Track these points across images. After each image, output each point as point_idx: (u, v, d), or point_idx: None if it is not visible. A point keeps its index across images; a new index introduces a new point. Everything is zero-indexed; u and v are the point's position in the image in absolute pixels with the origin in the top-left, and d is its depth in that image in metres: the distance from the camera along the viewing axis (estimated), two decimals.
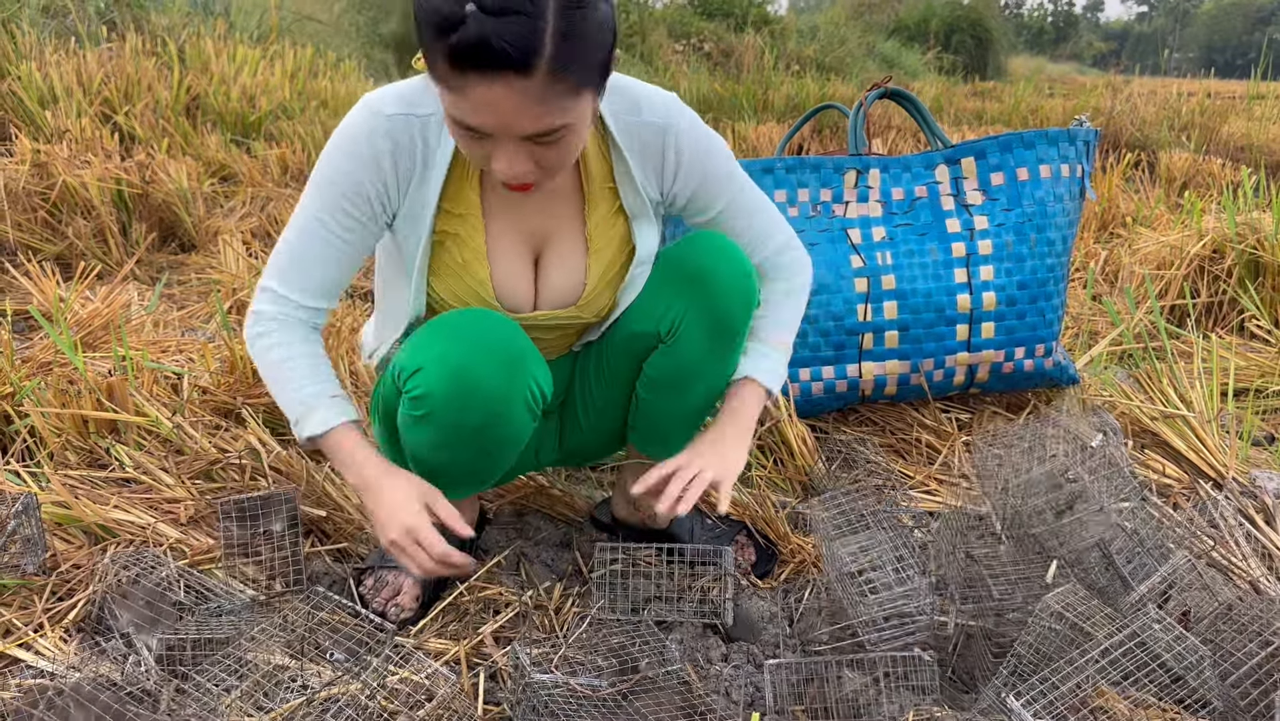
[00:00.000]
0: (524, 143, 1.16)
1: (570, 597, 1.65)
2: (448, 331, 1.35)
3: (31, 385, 1.82)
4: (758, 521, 1.76)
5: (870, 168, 2.06)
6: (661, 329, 1.50)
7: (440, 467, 1.49)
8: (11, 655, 1.36)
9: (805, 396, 2.04)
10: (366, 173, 1.33)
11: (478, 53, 1.03)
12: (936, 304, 2.00)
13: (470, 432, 1.38)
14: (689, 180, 1.45)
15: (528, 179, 1.21)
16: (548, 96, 1.09)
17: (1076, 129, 2.11)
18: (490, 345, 1.34)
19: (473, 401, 1.34)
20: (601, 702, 1.29)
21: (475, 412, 1.35)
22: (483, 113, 1.10)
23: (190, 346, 2.41)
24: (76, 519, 1.56)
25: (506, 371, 1.35)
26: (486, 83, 1.06)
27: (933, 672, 1.33)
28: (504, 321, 1.38)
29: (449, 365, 1.32)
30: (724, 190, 1.49)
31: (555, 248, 1.45)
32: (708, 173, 1.45)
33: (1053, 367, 2.10)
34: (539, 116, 1.11)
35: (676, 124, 1.40)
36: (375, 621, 1.48)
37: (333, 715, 1.20)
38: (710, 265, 1.48)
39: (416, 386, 1.34)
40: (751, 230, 1.53)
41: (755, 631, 1.59)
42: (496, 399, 1.35)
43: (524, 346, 1.39)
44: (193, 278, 3.35)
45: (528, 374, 1.38)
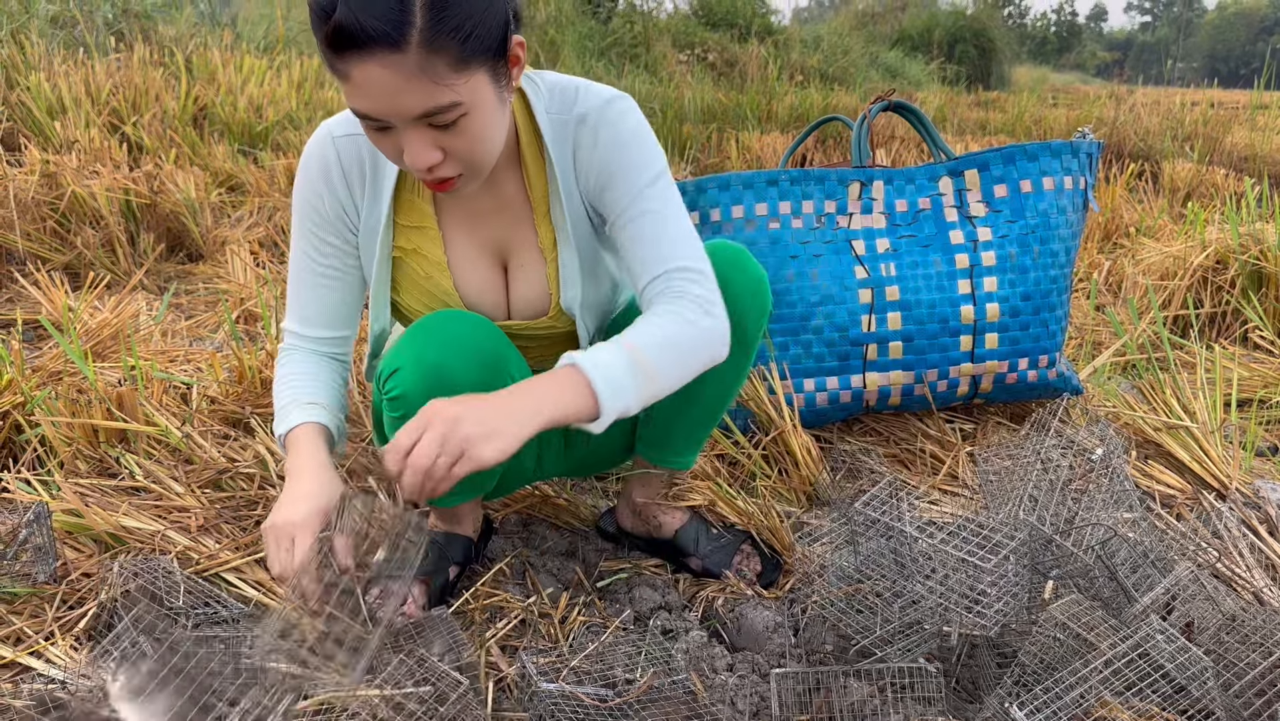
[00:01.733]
0: (424, 128, 1.14)
1: (576, 606, 1.66)
2: (425, 333, 1.37)
3: (42, 395, 1.83)
4: (763, 531, 1.77)
5: (874, 179, 2.07)
6: None
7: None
8: (23, 663, 1.37)
9: (810, 407, 2.05)
10: (323, 196, 1.39)
11: (348, 32, 1.04)
12: (940, 315, 2.01)
13: None
14: (593, 175, 1.36)
15: (442, 172, 1.20)
16: (426, 71, 1.07)
17: (1079, 141, 2.13)
18: (466, 345, 1.36)
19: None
20: (609, 712, 1.30)
21: None
22: (366, 95, 1.09)
23: (198, 356, 2.43)
24: (87, 527, 1.57)
25: (483, 370, 1.36)
26: (362, 62, 1.06)
27: (938, 683, 1.34)
28: (481, 322, 1.40)
29: (425, 365, 1.34)
30: (627, 199, 1.34)
31: (517, 258, 1.47)
32: (614, 172, 1.34)
33: (1056, 378, 2.11)
34: (421, 93, 1.09)
35: (600, 114, 1.33)
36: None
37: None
38: (721, 274, 1.48)
39: (395, 387, 1.36)
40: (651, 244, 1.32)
41: (760, 641, 1.60)
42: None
43: (501, 346, 1.41)
44: (200, 287, 3.37)
45: (505, 372, 1.39)
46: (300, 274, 1.44)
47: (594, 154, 1.36)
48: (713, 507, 1.83)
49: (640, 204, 1.34)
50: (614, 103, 1.35)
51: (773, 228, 2.03)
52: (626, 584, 1.73)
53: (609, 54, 9.89)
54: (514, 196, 1.43)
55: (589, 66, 8.56)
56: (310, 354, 1.45)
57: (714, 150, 6.46)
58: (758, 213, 2.04)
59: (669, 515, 1.78)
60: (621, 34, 10.41)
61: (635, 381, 1.22)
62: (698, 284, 1.32)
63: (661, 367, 1.24)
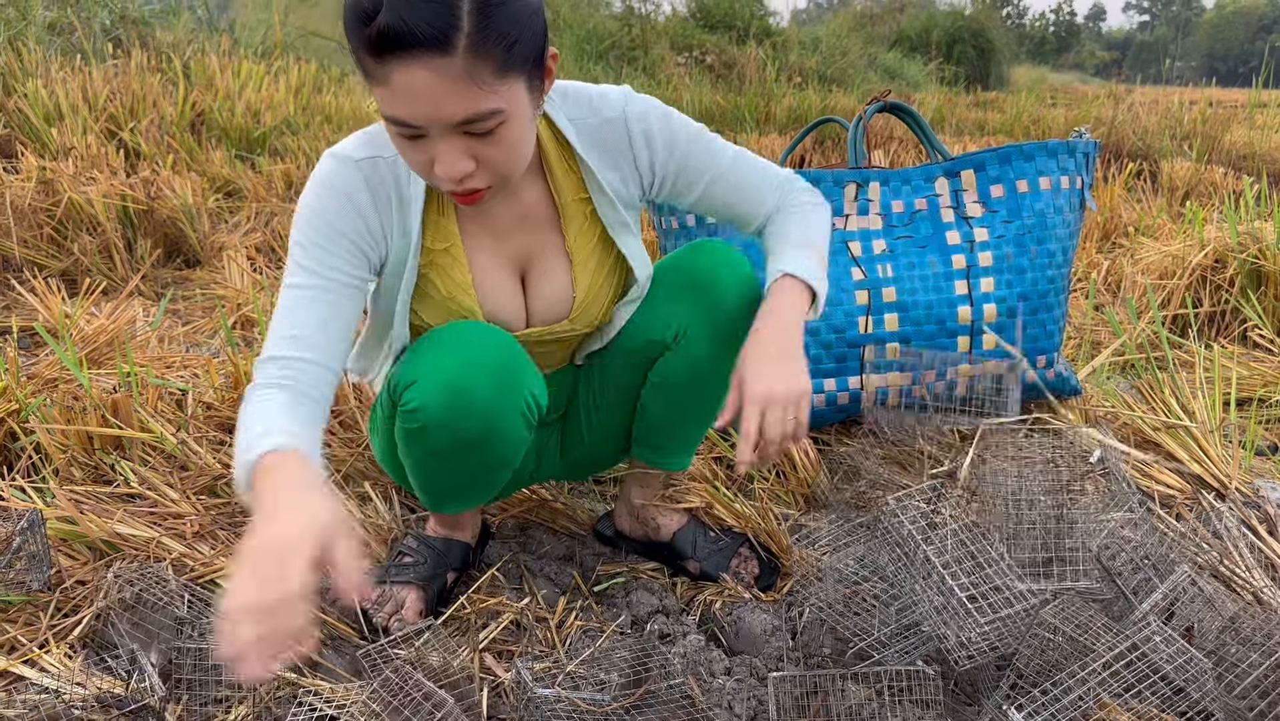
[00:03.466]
0: (459, 136, 1.12)
1: (573, 611, 1.65)
2: (442, 345, 1.35)
3: (37, 402, 1.83)
4: (760, 534, 1.77)
5: (870, 181, 2.07)
6: (668, 336, 1.51)
7: (438, 481, 1.50)
8: (16, 672, 1.36)
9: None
10: (348, 221, 1.29)
11: (395, 35, 1.02)
12: (937, 316, 2.01)
13: (466, 445, 1.38)
14: (669, 163, 1.44)
15: (473, 183, 1.17)
16: (472, 75, 1.06)
17: (1076, 141, 2.12)
18: (484, 358, 1.34)
19: (467, 414, 1.34)
20: (605, 717, 1.29)
21: (470, 426, 1.35)
22: (407, 100, 1.07)
23: (195, 362, 2.42)
24: (82, 534, 1.57)
25: (500, 384, 1.35)
26: (406, 66, 1.04)
27: (936, 686, 1.33)
28: (498, 334, 1.38)
29: (443, 378, 1.32)
30: (705, 163, 1.46)
31: (539, 265, 1.46)
32: (683, 149, 1.44)
33: (1054, 379, 2.11)
34: (465, 98, 1.07)
35: (635, 110, 1.39)
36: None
37: None
38: (712, 271, 1.49)
39: (411, 400, 1.35)
40: (750, 188, 1.50)
41: (758, 644, 1.59)
42: (491, 412, 1.35)
43: (518, 359, 1.39)
44: (197, 293, 3.36)
45: (523, 386, 1.38)
46: (303, 295, 1.26)
47: (651, 145, 1.41)
48: (710, 510, 1.83)
49: (714, 164, 1.46)
50: (631, 101, 1.40)
51: None
52: (624, 587, 1.73)
53: (607, 56, 9.89)
54: (535, 204, 1.42)
55: (587, 69, 8.56)
56: (291, 389, 1.21)
57: None
58: None
59: (666, 518, 1.77)
60: (619, 36, 10.41)
61: (822, 269, 1.45)
62: (795, 184, 1.54)
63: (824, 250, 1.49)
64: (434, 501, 1.58)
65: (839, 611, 1.48)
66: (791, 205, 1.52)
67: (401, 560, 1.65)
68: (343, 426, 1.99)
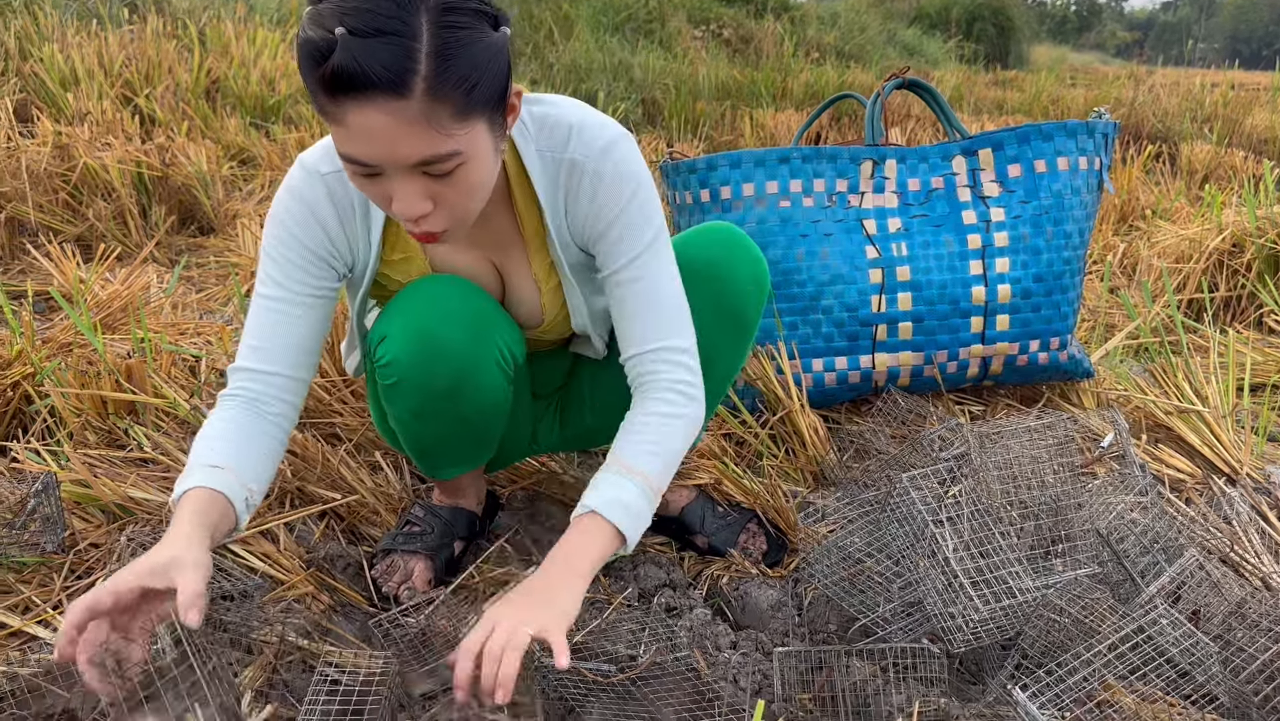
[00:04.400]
0: (417, 176, 1.09)
1: None
2: (412, 299, 1.36)
3: (52, 366, 1.84)
4: (768, 510, 1.77)
5: (887, 158, 2.05)
6: None
7: (427, 441, 1.50)
8: (30, 632, 1.38)
9: (818, 387, 2.04)
10: (311, 235, 1.31)
11: (349, 76, 0.98)
12: (951, 296, 2.00)
13: (441, 396, 1.38)
14: (587, 226, 1.34)
15: (431, 225, 1.15)
16: (429, 119, 1.03)
17: (1095, 121, 2.10)
18: (454, 308, 1.35)
19: (438, 363, 1.34)
20: (611, 688, 1.30)
21: (442, 374, 1.36)
22: (362, 141, 1.04)
23: (208, 329, 2.43)
24: (95, 498, 1.58)
25: (471, 333, 1.35)
26: (361, 107, 1.01)
27: (941, 664, 1.33)
28: (468, 286, 1.38)
29: (412, 329, 1.33)
30: (620, 261, 1.33)
31: (510, 279, 1.46)
32: (609, 231, 1.32)
33: (1067, 361, 2.10)
34: (421, 141, 1.04)
35: (597, 164, 1.29)
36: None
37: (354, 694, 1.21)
38: (719, 256, 1.48)
39: (385, 354, 1.36)
40: (639, 318, 1.34)
41: (764, 619, 1.60)
42: (462, 359, 1.35)
43: (489, 309, 1.39)
44: (211, 260, 3.37)
45: (495, 334, 1.39)
46: (269, 306, 1.32)
47: (590, 206, 1.31)
48: (719, 486, 1.83)
49: (631, 270, 1.33)
50: (611, 151, 1.29)
51: (783, 206, 2.02)
52: (631, 561, 1.74)
53: (624, 29, 9.82)
54: (505, 231, 1.40)
55: (603, 42, 8.50)
56: (250, 409, 1.30)
57: (727, 127, 6.43)
58: (768, 190, 2.02)
59: (675, 493, 1.78)
60: (636, 9, 10.33)
61: (650, 503, 1.30)
62: (681, 365, 1.35)
63: (661, 476, 1.32)
64: (429, 465, 1.59)
65: (845, 588, 1.48)
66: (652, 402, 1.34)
67: (409, 529, 1.66)
68: (355, 396, 1.99)
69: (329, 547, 1.64)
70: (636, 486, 1.29)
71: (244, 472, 1.24)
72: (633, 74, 7.42)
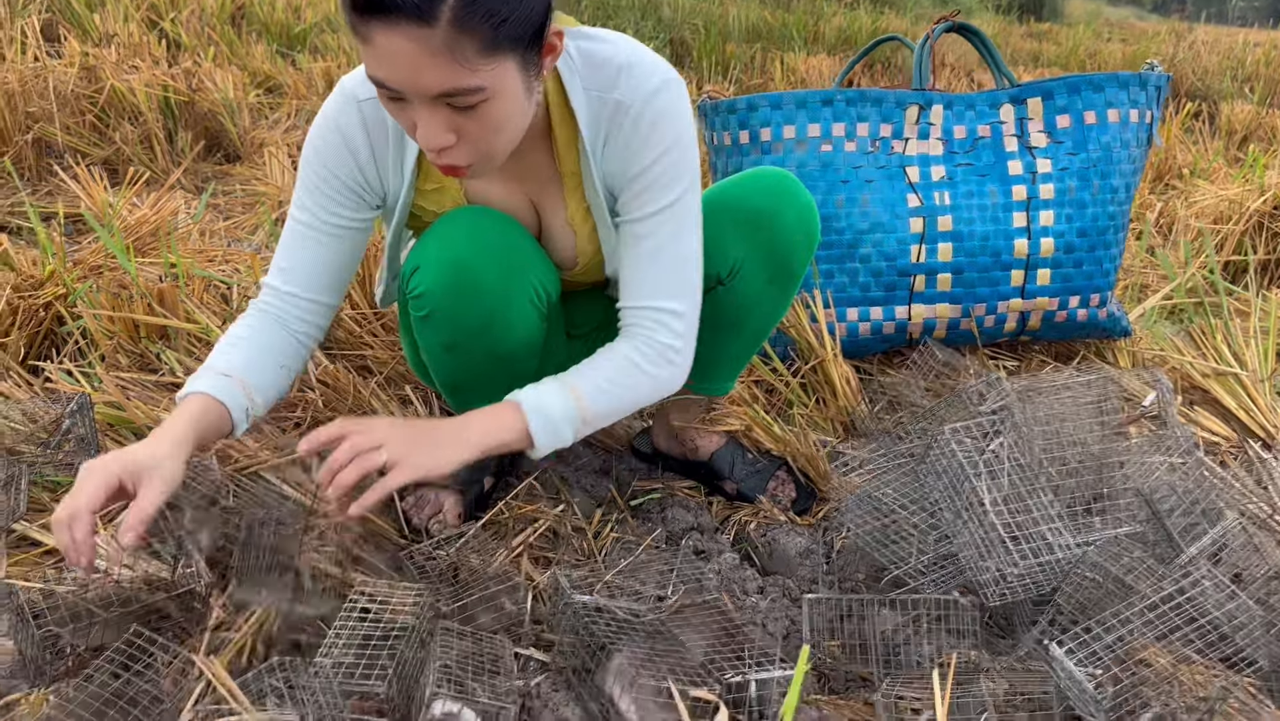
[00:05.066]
0: (440, 107, 1.07)
1: (609, 523, 1.66)
2: (447, 229, 1.34)
3: (84, 287, 1.83)
4: (799, 459, 1.76)
5: (933, 104, 2.00)
6: (721, 272, 1.47)
7: (458, 376, 1.49)
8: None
9: (851, 337, 2.02)
10: (345, 167, 1.32)
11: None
12: (993, 248, 1.96)
13: (473, 330, 1.37)
14: (617, 168, 1.30)
15: (454, 159, 1.13)
16: (453, 51, 1.01)
17: (1148, 73, 2.04)
18: (488, 241, 1.33)
19: (470, 295, 1.33)
20: (641, 627, 1.30)
21: (474, 307, 1.34)
22: (386, 65, 1.03)
23: (236, 257, 2.42)
24: (128, 421, 1.58)
25: (506, 267, 1.34)
26: (386, 31, 0.99)
27: (973, 617, 1.33)
28: (505, 220, 1.36)
29: (445, 261, 1.31)
30: (639, 213, 1.30)
31: (547, 218, 1.43)
32: (637, 180, 1.29)
33: (1106, 319, 2.07)
34: (444, 72, 1.02)
35: (641, 109, 1.24)
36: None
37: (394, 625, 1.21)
38: (771, 206, 1.44)
39: (417, 285, 1.34)
40: (639, 272, 1.32)
41: (791, 566, 1.60)
42: (494, 293, 1.34)
43: (524, 244, 1.37)
44: (237, 189, 3.35)
45: (529, 271, 1.37)
46: (299, 230, 1.34)
47: (625, 151, 1.28)
48: (749, 433, 1.82)
49: (645, 226, 1.30)
50: (656, 97, 1.25)
51: (824, 150, 1.98)
52: (659, 504, 1.73)
53: None
54: (542, 169, 1.37)
55: None
56: (275, 321, 1.35)
57: (757, 71, 6.31)
58: (810, 134, 1.98)
59: (705, 438, 1.77)
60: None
61: (572, 427, 1.29)
62: (669, 328, 1.33)
63: (601, 414, 1.31)
64: (459, 401, 1.58)
65: (877, 539, 1.48)
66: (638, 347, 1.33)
67: None
68: (385, 329, 1.98)
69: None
70: (569, 407, 1.28)
71: (251, 383, 1.28)
72: (661, 12, 7.27)
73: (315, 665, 1.13)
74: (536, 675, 1.30)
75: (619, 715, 1.20)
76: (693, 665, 1.22)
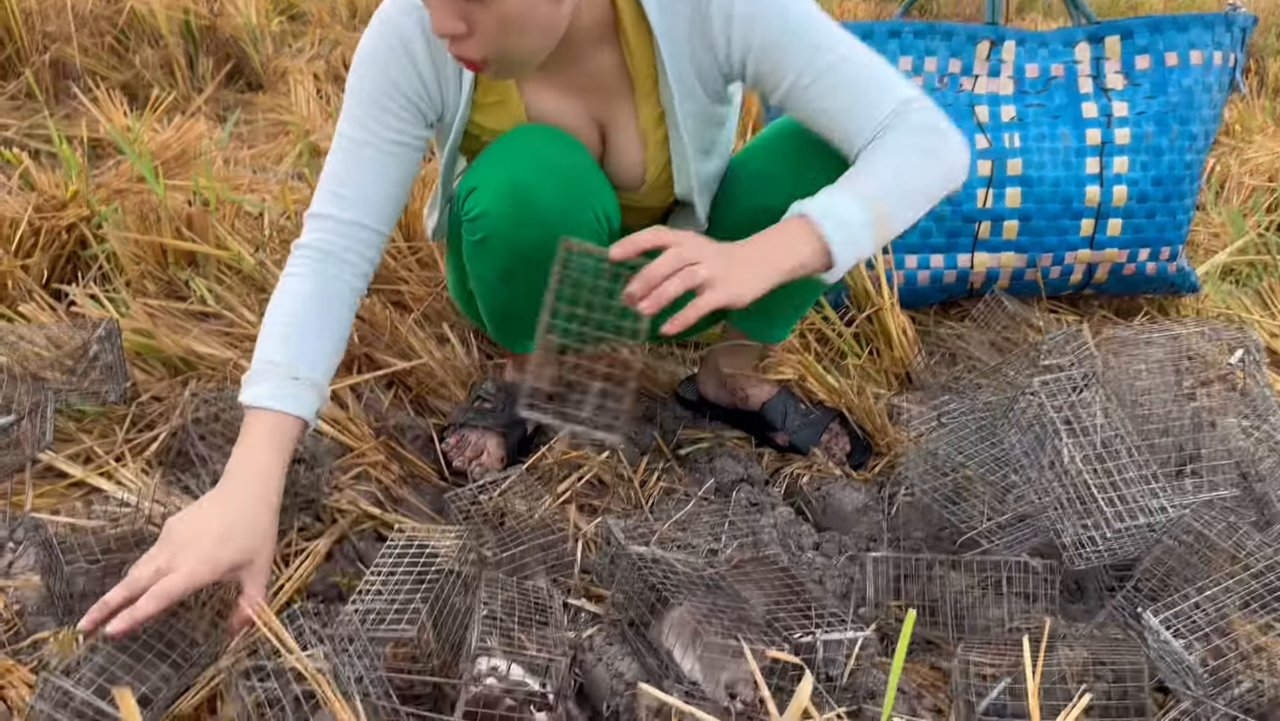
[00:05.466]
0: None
1: (655, 472, 1.59)
2: (507, 149, 1.26)
3: (110, 209, 1.75)
4: (855, 411, 1.68)
5: (1006, 39, 1.89)
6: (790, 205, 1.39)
7: (509, 306, 1.41)
8: (92, 484, 1.32)
9: (909, 286, 1.92)
10: (403, 74, 1.23)
11: None
12: (1064, 194, 1.86)
13: (532, 256, 1.28)
14: (748, 46, 1.20)
15: (466, 50, 1.07)
16: None
17: (1234, 14, 1.92)
18: (550, 162, 1.24)
19: (530, 218, 1.24)
20: (701, 581, 1.23)
21: (534, 232, 1.25)
22: None
23: (263, 186, 2.33)
24: (157, 349, 1.51)
25: (567, 190, 1.25)
26: None
27: (1049, 581, 1.26)
28: (568, 140, 1.27)
29: (505, 181, 1.23)
30: (795, 59, 1.18)
31: (614, 132, 1.34)
32: (769, 34, 1.18)
33: (1175, 273, 1.97)
34: None
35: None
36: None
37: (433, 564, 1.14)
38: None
39: (474, 206, 1.26)
40: (846, 113, 1.19)
41: (847, 522, 1.53)
42: (555, 216, 1.25)
43: (588, 167, 1.29)
44: (260, 118, 3.24)
45: (592, 196, 1.28)
46: (354, 149, 1.24)
47: (730, 28, 1.19)
48: (802, 383, 1.73)
49: (821, 59, 1.18)
50: None
51: None
52: (707, 454, 1.66)
53: None
54: (610, 74, 1.28)
55: None
56: (333, 266, 1.23)
57: None
58: None
59: (757, 387, 1.68)
60: None
61: (871, 232, 1.14)
62: (917, 111, 1.18)
63: (898, 213, 1.16)
64: (506, 334, 1.51)
65: (945, 496, 1.40)
66: (897, 134, 1.18)
67: (481, 405, 1.58)
68: (420, 265, 1.90)
69: (398, 417, 1.57)
70: (860, 208, 1.13)
71: (319, 373, 1.19)
72: None
73: (349, 610, 1.06)
74: (587, 627, 1.24)
75: (678, 671, 1.13)
76: (756, 623, 1.15)
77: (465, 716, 0.97)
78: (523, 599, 1.15)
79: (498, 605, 1.11)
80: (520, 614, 1.12)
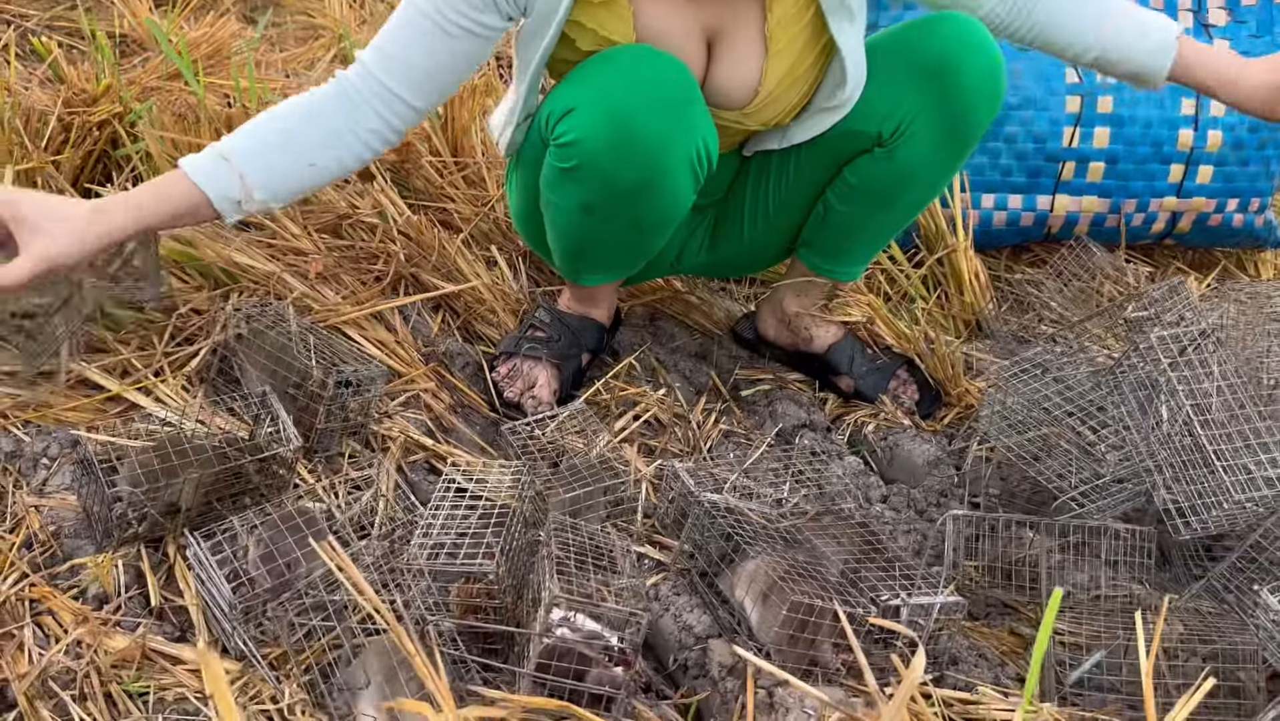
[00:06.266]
0: None
1: (712, 413, 1.51)
2: (610, 69, 1.16)
3: (145, 106, 1.64)
4: (925, 358, 1.59)
5: None
6: (885, 130, 1.29)
7: (585, 241, 1.33)
8: (130, 399, 1.24)
9: (984, 227, 1.82)
10: None
11: None
12: (1155, 137, 1.75)
13: (623, 191, 1.20)
14: None
15: None
16: None
17: None
18: (656, 88, 1.15)
19: (630, 151, 1.16)
20: (771, 532, 1.16)
21: (632, 165, 1.17)
22: None
23: (295, 91, 2.20)
24: (196, 259, 1.42)
25: (672, 120, 1.16)
26: None
27: (1143, 548, 1.19)
28: (672, 65, 1.17)
29: (606, 107, 1.14)
30: None
31: (728, 42, 1.23)
32: None
33: (1263, 226, 1.87)
34: None
35: None
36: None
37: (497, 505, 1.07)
38: (954, 55, 1.26)
39: (567, 131, 1.17)
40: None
41: (916, 475, 1.45)
42: (657, 150, 1.17)
43: (692, 95, 1.19)
44: (288, 20, 3.10)
45: (696, 129, 1.19)
46: (416, 20, 1.15)
47: None
48: (870, 326, 1.65)
49: None
50: None
51: None
52: (766, 396, 1.58)
53: None
54: None
55: None
56: (347, 104, 1.17)
57: None
58: None
59: (822, 329, 1.60)
60: None
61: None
62: None
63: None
64: (574, 269, 1.42)
65: (1030, 453, 1.32)
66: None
67: (534, 334, 1.49)
68: (467, 183, 1.80)
69: (447, 344, 1.49)
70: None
71: (257, 171, 1.14)
72: None
73: (414, 546, 0.99)
74: (651, 575, 1.17)
75: (750, 626, 1.07)
76: (834, 581, 1.08)
77: (537, 668, 0.90)
78: (591, 544, 1.08)
79: (568, 552, 1.04)
80: (591, 560, 1.05)
